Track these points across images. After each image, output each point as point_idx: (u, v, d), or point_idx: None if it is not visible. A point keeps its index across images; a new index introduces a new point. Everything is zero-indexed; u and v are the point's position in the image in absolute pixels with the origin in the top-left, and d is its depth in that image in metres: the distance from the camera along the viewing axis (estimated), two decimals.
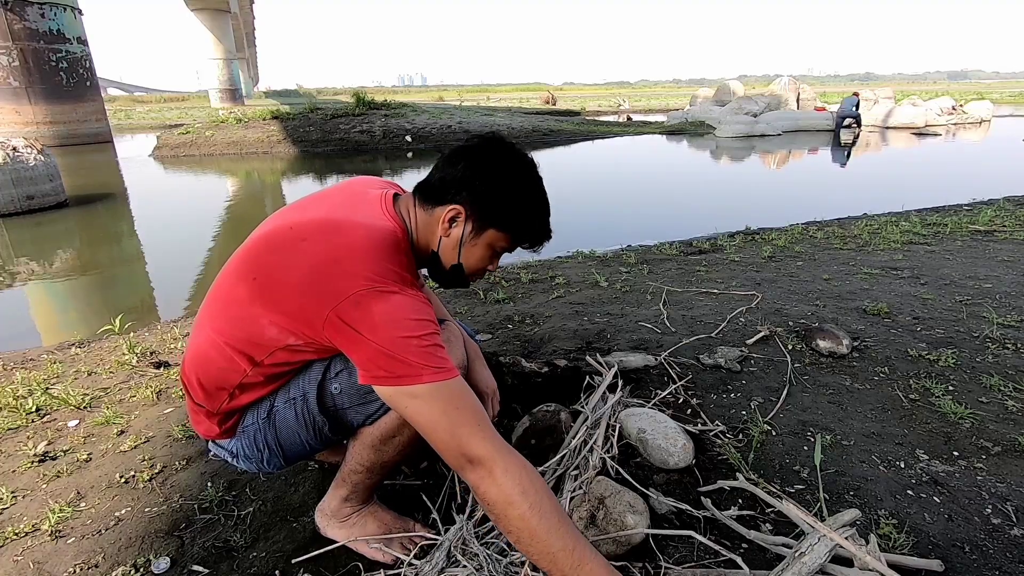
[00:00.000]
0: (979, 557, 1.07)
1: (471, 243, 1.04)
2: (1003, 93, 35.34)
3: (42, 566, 1.18)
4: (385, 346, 0.87)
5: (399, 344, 0.87)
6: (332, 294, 0.89)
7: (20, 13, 14.42)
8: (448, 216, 1.01)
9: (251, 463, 1.11)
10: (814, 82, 74.08)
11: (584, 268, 3.38)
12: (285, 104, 21.53)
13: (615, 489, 1.14)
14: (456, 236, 1.03)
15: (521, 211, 1.04)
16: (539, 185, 1.07)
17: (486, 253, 1.07)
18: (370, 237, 0.96)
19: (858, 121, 15.40)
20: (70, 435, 1.72)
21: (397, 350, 0.87)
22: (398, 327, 0.88)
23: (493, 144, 1.04)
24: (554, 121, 16.78)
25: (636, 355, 1.83)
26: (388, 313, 0.88)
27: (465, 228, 1.03)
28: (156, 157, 12.43)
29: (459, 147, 1.05)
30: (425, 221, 1.05)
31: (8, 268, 4.72)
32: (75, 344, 2.71)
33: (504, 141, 1.05)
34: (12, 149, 6.42)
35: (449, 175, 1.02)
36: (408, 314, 0.89)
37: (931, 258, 3.26)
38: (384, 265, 0.93)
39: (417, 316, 0.90)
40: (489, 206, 1.02)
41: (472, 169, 1.01)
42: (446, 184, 1.02)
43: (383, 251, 0.95)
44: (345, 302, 0.88)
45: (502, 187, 1.02)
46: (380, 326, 0.88)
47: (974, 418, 1.53)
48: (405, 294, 0.91)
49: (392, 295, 0.90)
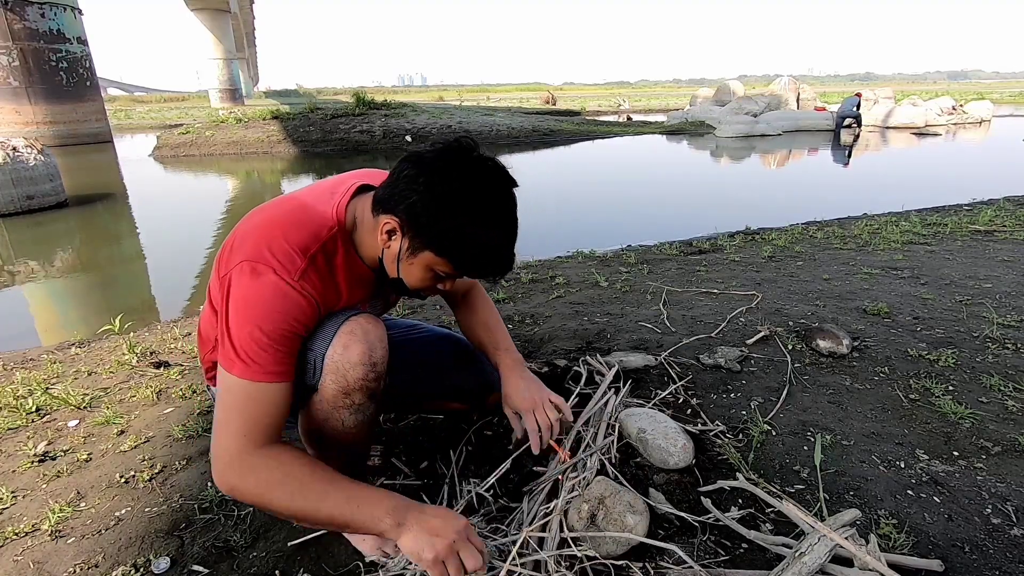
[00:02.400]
0: (979, 557, 1.07)
1: (407, 261, 0.96)
2: (1003, 93, 35.35)
3: (42, 566, 1.18)
4: (231, 323, 0.90)
5: (238, 326, 0.89)
6: (233, 258, 0.93)
7: (20, 13, 14.43)
8: (385, 228, 0.94)
9: None
10: (814, 82, 74.07)
11: (584, 268, 3.38)
12: (285, 104, 21.53)
13: (615, 489, 1.14)
14: (394, 250, 0.96)
15: (462, 239, 0.90)
16: (495, 210, 0.91)
17: (426, 275, 0.97)
18: (293, 217, 0.97)
19: (858, 121, 15.41)
20: (70, 435, 1.72)
21: (235, 331, 0.89)
22: (248, 309, 0.89)
23: (450, 154, 0.92)
24: (554, 121, 16.78)
25: (636, 355, 1.83)
26: (249, 291, 0.90)
27: (402, 244, 0.94)
28: (156, 157, 12.43)
29: (414, 152, 0.94)
30: (371, 226, 0.98)
31: (8, 268, 4.72)
32: (75, 344, 2.71)
33: (468, 151, 0.92)
34: (12, 149, 6.42)
35: (395, 182, 0.93)
36: (267, 300, 0.89)
37: (931, 258, 3.26)
38: (286, 247, 0.93)
39: (275, 307, 0.90)
40: (424, 227, 0.90)
41: (415, 182, 0.90)
42: (389, 192, 0.93)
43: (297, 231, 0.95)
44: (235, 267, 0.92)
45: (442, 208, 0.88)
46: (236, 301, 0.90)
47: (974, 418, 1.53)
48: (284, 278, 0.90)
49: (268, 274, 0.90)
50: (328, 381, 0.99)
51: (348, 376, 0.98)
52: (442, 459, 1.41)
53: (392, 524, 0.87)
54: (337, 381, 0.99)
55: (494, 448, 1.43)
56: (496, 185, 0.92)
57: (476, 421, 1.53)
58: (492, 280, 1.00)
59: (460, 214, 0.89)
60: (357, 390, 1.00)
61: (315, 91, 76.68)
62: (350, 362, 0.97)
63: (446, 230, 0.90)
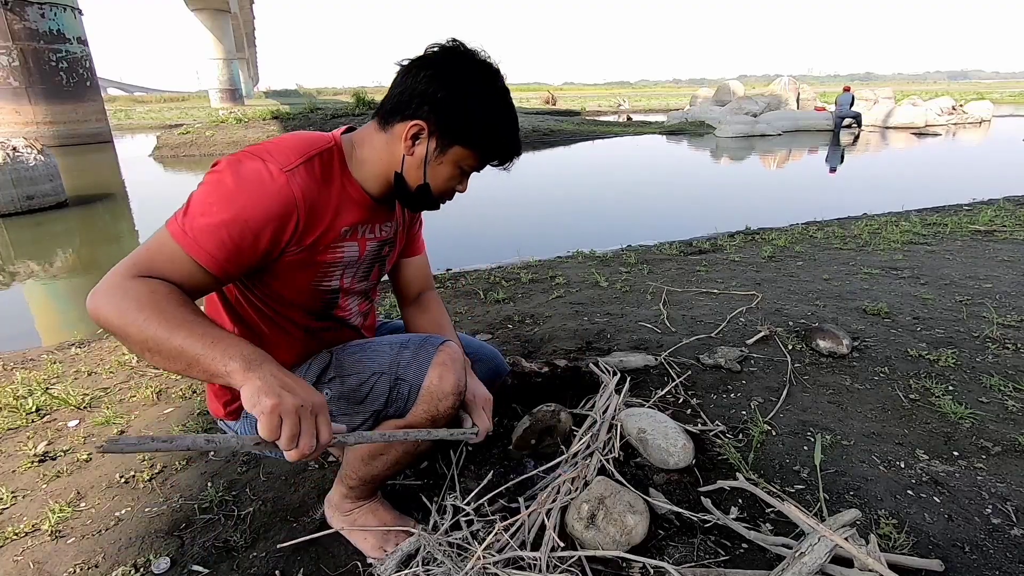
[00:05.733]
0: (979, 557, 1.07)
1: (436, 161, 0.96)
2: (1003, 93, 35.36)
3: (42, 566, 1.18)
4: (194, 195, 0.87)
5: (199, 198, 0.86)
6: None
7: (20, 13, 14.43)
8: (410, 132, 0.93)
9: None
10: (814, 82, 74.05)
11: (584, 268, 3.38)
12: (285, 104, 21.54)
13: (615, 489, 1.14)
14: (420, 154, 0.95)
15: (489, 126, 0.95)
16: (506, 97, 0.97)
17: (454, 172, 0.98)
18: (290, 136, 0.96)
19: (858, 121, 15.41)
20: (70, 435, 1.72)
21: (193, 201, 0.86)
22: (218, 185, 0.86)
23: (456, 53, 0.94)
24: (554, 121, 16.78)
25: (636, 355, 1.83)
26: (225, 173, 0.86)
27: (429, 145, 0.94)
28: (156, 157, 12.44)
29: (419, 57, 0.94)
30: (384, 141, 0.97)
31: (8, 268, 4.72)
32: (75, 344, 2.71)
33: (468, 49, 0.95)
34: (12, 149, 6.42)
35: (409, 87, 0.93)
36: (241, 182, 0.85)
37: (931, 258, 3.26)
38: (281, 147, 0.91)
39: (246, 190, 0.85)
40: (454, 121, 0.93)
41: (435, 81, 0.91)
42: (406, 97, 0.93)
43: (292, 141, 0.93)
44: (220, 160, 0.89)
45: (468, 100, 0.92)
46: (209, 178, 0.87)
47: (974, 418, 1.53)
48: (269, 166, 0.87)
49: (253, 162, 0.87)
50: (420, 410, 1.00)
51: (440, 405, 0.99)
52: (442, 459, 1.41)
53: (241, 367, 0.76)
54: (429, 410, 1.00)
55: (494, 447, 1.43)
56: (500, 78, 0.97)
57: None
58: (509, 165, 1.03)
59: (484, 107, 0.93)
60: (443, 417, 1.01)
61: (315, 91, 76.67)
62: (444, 392, 0.99)
63: (475, 122, 0.93)
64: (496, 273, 3.36)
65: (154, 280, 0.82)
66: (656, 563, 1.04)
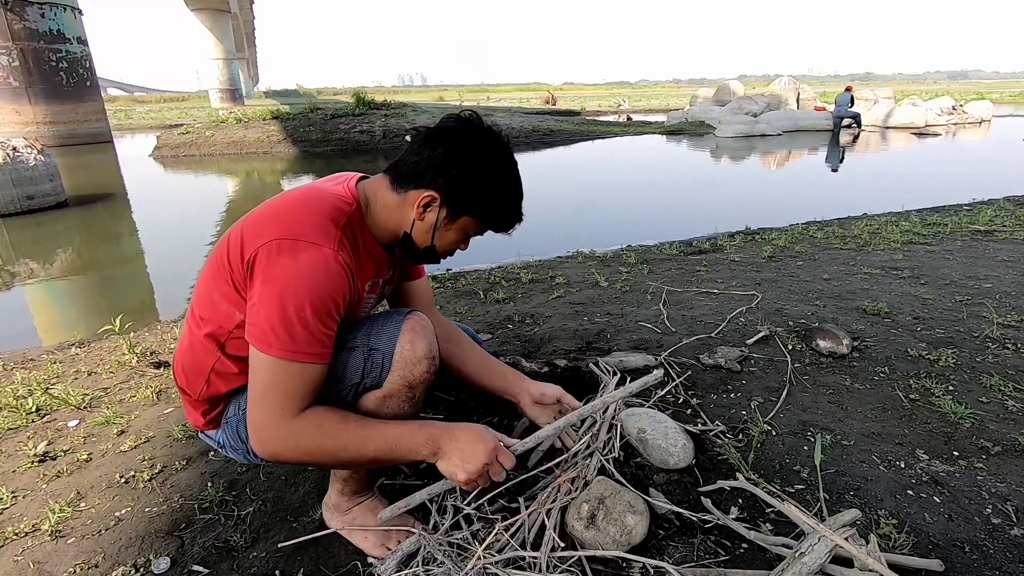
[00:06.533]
0: (979, 557, 1.07)
1: (445, 228, 1.04)
2: (1003, 93, 35.34)
3: (42, 566, 1.18)
4: (268, 302, 0.89)
5: (279, 305, 0.89)
6: (256, 240, 0.93)
7: (20, 13, 14.43)
8: (423, 201, 1.01)
9: (238, 453, 1.14)
10: (814, 82, 74.04)
11: (584, 268, 3.38)
12: (285, 104, 21.54)
13: (615, 489, 1.14)
14: (430, 221, 1.03)
15: (497, 200, 1.04)
16: (514, 171, 1.06)
17: (459, 237, 1.08)
18: (311, 196, 1.00)
19: (858, 121, 15.41)
20: (70, 435, 1.72)
21: (274, 310, 0.89)
22: (292, 286, 0.89)
23: (471, 127, 1.02)
24: (554, 121, 16.78)
25: (636, 355, 1.83)
26: (288, 268, 0.90)
27: (440, 214, 1.02)
28: (156, 157, 12.44)
29: (436, 128, 1.03)
30: (396, 202, 1.04)
31: (8, 268, 4.72)
32: (75, 344, 2.71)
33: (482, 124, 1.03)
34: (12, 149, 6.43)
35: (426, 159, 1.01)
36: (310, 274, 0.90)
37: (931, 258, 3.26)
38: (318, 220, 0.95)
39: (319, 280, 0.90)
40: (465, 195, 1.01)
41: (449, 155, 0.99)
42: (422, 168, 1.01)
43: (320, 208, 0.97)
44: (263, 247, 0.92)
45: (479, 176, 1.01)
46: (274, 280, 0.90)
47: (974, 418, 1.53)
48: (321, 251, 0.92)
49: (308, 249, 0.91)
50: (396, 377, 1.02)
51: (415, 371, 1.02)
52: None
53: (429, 454, 0.98)
54: (404, 376, 1.02)
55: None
56: (509, 152, 1.05)
57: (476, 420, 1.53)
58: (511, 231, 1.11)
59: (494, 184, 1.03)
60: (420, 383, 1.04)
61: (315, 91, 76.69)
62: (416, 357, 1.02)
63: (485, 196, 1.03)
64: (496, 273, 3.36)
65: (309, 413, 0.94)
66: (656, 563, 1.04)
